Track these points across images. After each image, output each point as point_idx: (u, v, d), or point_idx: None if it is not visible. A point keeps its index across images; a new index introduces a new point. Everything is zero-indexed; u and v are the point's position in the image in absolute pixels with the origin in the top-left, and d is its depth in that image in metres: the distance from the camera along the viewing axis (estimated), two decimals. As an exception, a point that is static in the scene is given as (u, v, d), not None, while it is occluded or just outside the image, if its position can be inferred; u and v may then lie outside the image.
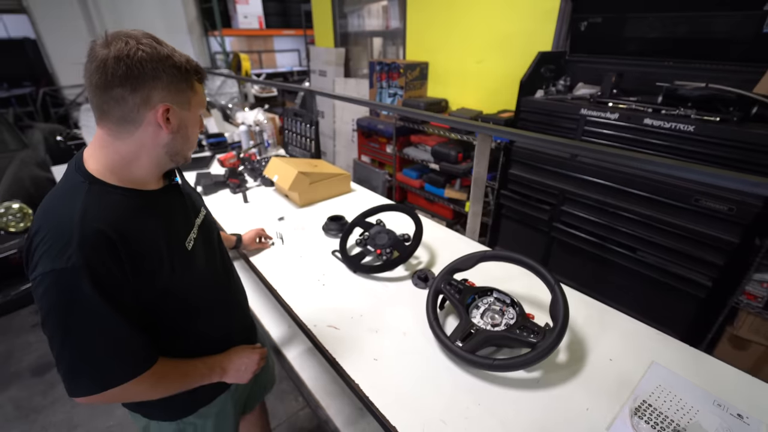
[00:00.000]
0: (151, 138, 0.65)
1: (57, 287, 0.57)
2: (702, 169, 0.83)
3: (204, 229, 0.82)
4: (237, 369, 0.86)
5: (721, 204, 1.53)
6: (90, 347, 0.60)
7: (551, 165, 2.07)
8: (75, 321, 0.59)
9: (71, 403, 1.85)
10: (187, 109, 0.67)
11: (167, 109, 0.63)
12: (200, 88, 0.70)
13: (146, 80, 0.60)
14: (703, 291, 1.67)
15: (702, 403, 0.76)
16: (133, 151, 0.65)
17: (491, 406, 0.77)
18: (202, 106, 0.71)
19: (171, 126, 0.65)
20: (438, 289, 0.99)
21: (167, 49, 0.63)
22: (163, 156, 0.69)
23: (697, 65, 1.81)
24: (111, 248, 0.60)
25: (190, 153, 0.73)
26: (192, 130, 0.70)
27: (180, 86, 0.64)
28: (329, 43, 4.17)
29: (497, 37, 2.57)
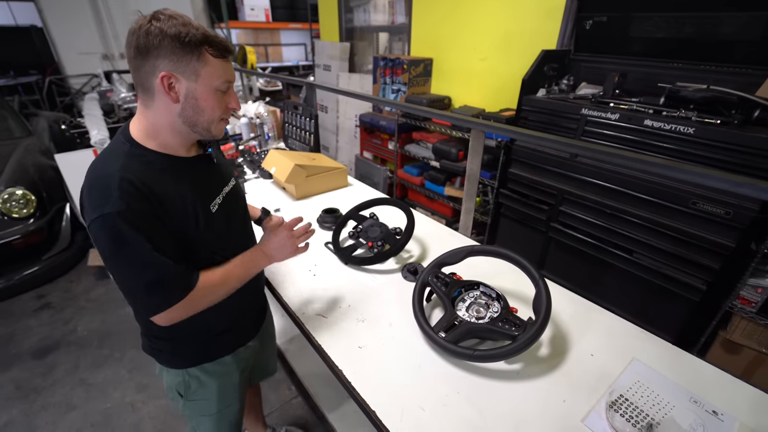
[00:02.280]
0: (165, 107, 0.72)
1: (105, 229, 0.66)
2: (704, 171, 0.83)
3: (230, 198, 0.90)
4: (279, 245, 0.93)
5: (719, 207, 1.52)
6: (144, 274, 0.69)
7: (551, 165, 2.06)
8: (126, 254, 0.68)
9: (70, 384, 1.89)
10: (194, 81, 0.70)
11: (168, 77, 0.68)
12: (216, 62, 0.71)
13: (151, 50, 0.66)
14: (697, 294, 1.66)
15: (678, 399, 0.77)
16: (158, 119, 0.73)
17: (470, 395, 0.79)
18: (220, 79, 0.72)
19: (175, 94, 0.70)
20: (425, 282, 1.00)
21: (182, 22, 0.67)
22: (182, 126, 0.74)
23: (702, 66, 1.79)
24: (143, 196, 0.68)
25: (212, 126, 0.77)
26: (204, 102, 0.73)
27: (184, 57, 0.67)
28: (335, 38, 4.17)
29: (502, 34, 2.56)
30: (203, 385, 0.98)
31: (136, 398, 1.82)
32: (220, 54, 0.71)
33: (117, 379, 1.92)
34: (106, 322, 2.29)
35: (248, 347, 1.05)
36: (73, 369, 1.98)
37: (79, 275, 2.75)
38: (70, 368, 1.99)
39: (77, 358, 2.05)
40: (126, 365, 2.00)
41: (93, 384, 1.90)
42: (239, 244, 0.93)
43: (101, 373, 1.96)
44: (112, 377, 1.93)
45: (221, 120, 0.78)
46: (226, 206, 0.88)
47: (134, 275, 0.70)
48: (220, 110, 0.76)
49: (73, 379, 1.92)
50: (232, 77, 0.76)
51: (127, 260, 0.69)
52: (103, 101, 3.20)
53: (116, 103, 3.05)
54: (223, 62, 0.73)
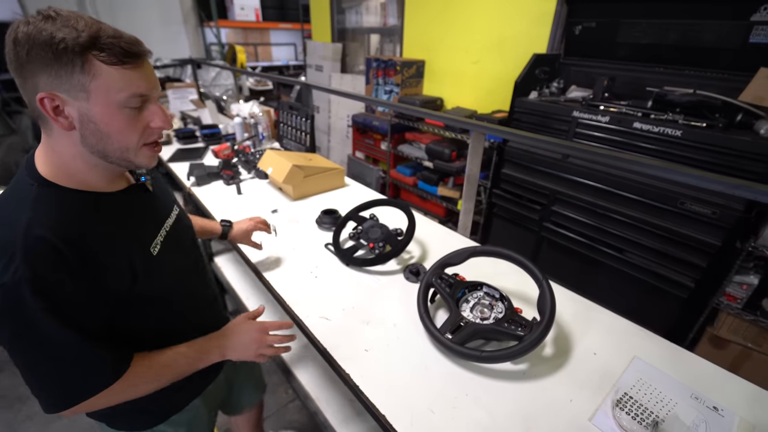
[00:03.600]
0: (63, 135, 0.57)
1: (4, 304, 0.52)
2: (691, 171, 0.86)
3: (174, 232, 0.77)
4: (240, 343, 0.81)
5: (706, 208, 1.58)
6: (50, 364, 0.57)
7: (543, 166, 2.10)
8: (29, 339, 0.54)
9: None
10: (84, 99, 0.54)
11: (49, 98, 0.53)
12: (112, 70, 0.54)
13: (23, 65, 0.52)
14: (685, 292, 1.72)
15: (680, 395, 0.79)
16: (62, 150, 0.59)
17: (478, 396, 0.79)
18: (123, 92, 0.56)
19: (65, 120, 0.55)
20: (429, 283, 1.00)
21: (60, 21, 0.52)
22: (92, 157, 0.60)
23: (687, 72, 1.86)
24: (59, 258, 0.54)
25: (130, 154, 0.61)
26: (107, 126, 0.57)
27: (61, 69, 0.52)
28: (326, 38, 4.15)
29: (494, 37, 2.60)
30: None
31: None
32: (117, 59, 0.54)
33: (106, 387, 1.86)
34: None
35: (218, 381, 0.96)
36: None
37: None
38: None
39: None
40: (115, 372, 1.93)
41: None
42: (191, 288, 0.81)
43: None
44: (101, 385, 1.87)
45: (144, 146, 0.62)
46: (170, 244, 0.74)
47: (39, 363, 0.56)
48: (135, 133, 0.60)
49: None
50: (146, 88, 0.58)
51: (32, 344, 0.54)
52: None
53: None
54: (125, 70, 0.55)
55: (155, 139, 0.64)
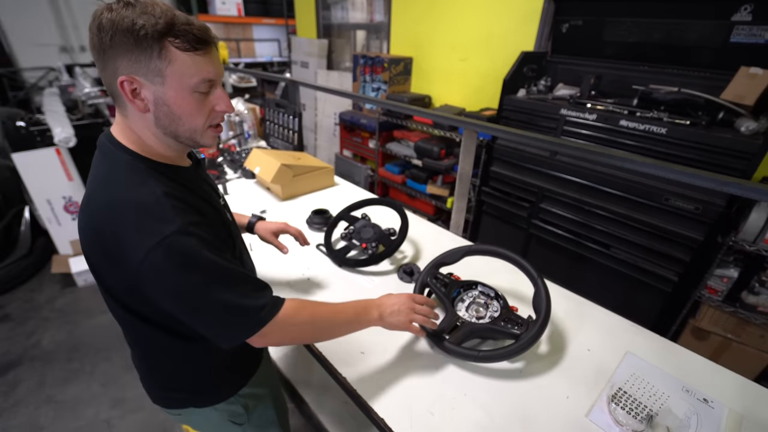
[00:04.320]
0: (138, 116, 0.61)
1: (173, 254, 0.56)
2: (684, 169, 0.87)
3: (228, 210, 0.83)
4: (394, 308, 0.79)
5: (689, 203, 1.62)
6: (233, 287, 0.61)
7: (531, 163, 2.12)
8: (208, 273, 0.59)
9: (35, 403, 1.75)
10: (160, 83, 0.58)
11: (129, 82, 0.56)
12: (186, 56, 0.57)
13: (106, 49, 0.55)
14: (669, 285, 1.76)
15: (672, 389, 0.81)
16: (139, 129, 0.63)
17: (477, 396, 0.79)
18: (195, 77, 0.59)
19: (141, 102, 0.59)
20: (424, 283, 1.00)
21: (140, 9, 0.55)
22: (165, 137, 0.64)
23: (671, 70, 1.89)
24: (192, 209, 0.61)
25: (197, 135, 0.65)
26: (179, 108, 0.60)
27: (142, 54, 0.55)
28: (312, 34, 4.09)
29: (481, 35, 2.60)
30: (259, 398, 0.89)
31: (111, 414, 1.71)
32: (190, 46, 0.57)
33: (89, 395, 1.79)
34: (74, 334, 2.14)
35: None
36: (38, 386, 1.84)
37: (41, 284, 2.55)
38: (34, 386, 1.84)
39: (42, 375, 1.90)
40: (98, 379, 1.87)
41: (62, 401, 1.76)
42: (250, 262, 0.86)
43: (70, 389, 1.83)
44: (83, 393, 1.80)
45: (209, 127, 0.66)
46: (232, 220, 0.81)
47: (223, 295, 0.60)
48: (202, 116, 0.63)
49: (38, 398, 1.78)
50: (214, 74, 0.62)
51: (209, 281, 0.59)
52: (65, 97, 2.97)
53: (80, 98, 2.84)
54: (197, 56, 0.59)
55: (219, 121, 0.68)
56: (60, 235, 2.61)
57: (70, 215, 2.60)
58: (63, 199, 2.55)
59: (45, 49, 4.91)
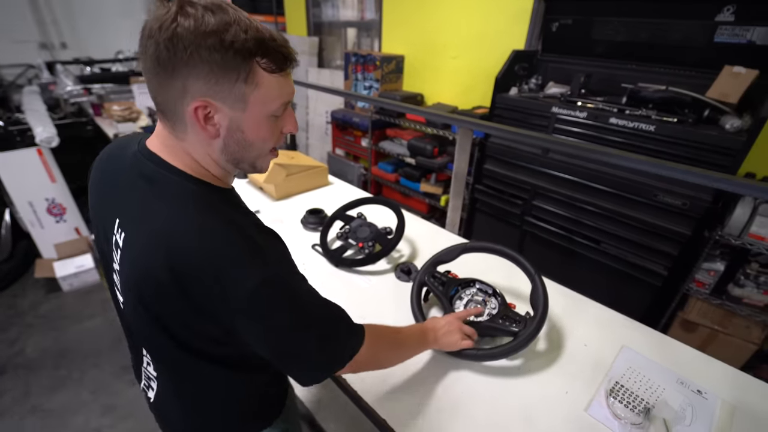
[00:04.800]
0: (201, 141, 0.53)
1: (277, 289, 0.51)
2: (678, 167, 0.89)
3: None
4: (446, 330, 0.81)
5: (677, 199, 1.66)
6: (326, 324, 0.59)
7: (524, 161, 2.14)
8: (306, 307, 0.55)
9: (20, 413, 1.70)
10: (240, 110, 0.50)
11: (204, 107, 0.48)
12: (273, 79, 0.50)
13: (178, 66, 0.45)
14: (659, 279, 1.80)
15: (667, 381, 0.83)
16: (196, 152, 0.54)
17: (478, 394, 0.79)
18: (277, 102, 0.52)
19: (213, 128, 0.51)
20: (422, 282, 1.00)
21: (224, 18, 0.45)
22: (226, 163, 0.56)
23: (658, 69, 1.93)
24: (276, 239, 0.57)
25: (258, 161, 0.58)
26: (254, 135, 0.53)
27: (226, 76, 0.47)
28: (302, 32, 4.05)
29: (472, 33, 2.61)
30: None
31: (102, 422, 1.67)
32: (277, 67, 0.49)
33: (78, 403, 1.75)
34: (60, 340, 2.08)
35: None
36: (23, 395, 1.78)
37: (24, 289, 2.47)
38: (19, 395, 1.78)
39: (27, 384, 1.84)
40: (87, 386, 1.82)
41: (49, 410, 1.72)
42: None
43: (58, 397, 1.78)
44: (72, 401, 1.76)
45: (271, 151, 0.59)
46: None
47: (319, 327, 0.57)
48: (273, 140, 0.57)
49: (23, 408, 1.72)
50: (292, 94, 0.55)
51: (308, 317, 0.55)
52: (46, 95, 2.88)
53: (62, 97, 2.76)
54: (282, 77, 0.51)
55: (281, 144, 0.62)
56: (43, 238, 2.54)
57: (53, 218, 2.53)
58: (46, 201, 2.48)
59: (23, 46, 4.75)
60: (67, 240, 2.60)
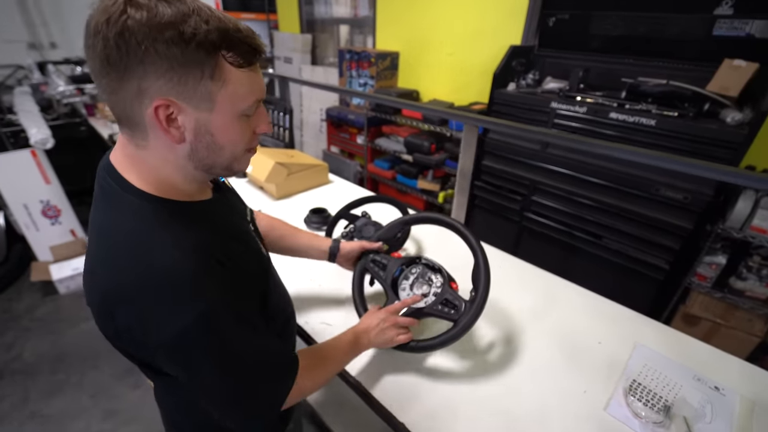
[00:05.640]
0: (164, 149, 0.47)
1: (204, 333, 0.46)
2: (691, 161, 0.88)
3: (256, 227, 0.72)
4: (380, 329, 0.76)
5: (678, 193, 1.66)
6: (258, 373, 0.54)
7: (523, 156, 2.13)
8: (236, 351, 0.50)
9: (18, 419, 1.65)
10: (207, 110, 0.45)
11: (165, 106, 0.43)
12: (242, 74, 0.46)
13: (131, 64, 0.40)
14: (661, 273, 1.80)
15: (684, 378, 0.82)
16: (159, 164, 0.49)
17: (495, 396, 0.78)
18: (248, 100, 0.48)
19: (177, 131, 0.45)
20: (364, 268, 0.92)
21: (181, 8, 0.41)
22: (194, 171, 0.51)
23: (656, 63, 1.93)
24: (224, 268, 0.50)
25: (234, 164, 0.53)
26: (224, 137, 0.48)
27: (189, 73, 0.42)
28: (295, 29, 4.00)
29: (468, 29, 2.59)
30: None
31: (103, 428, 1.62)
32: (246, 60, 0.45)
33: (78, 408, 1.70)
34: (57, 344, 2.02)
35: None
36: (22, 401, 1.73)
37: (20, 292, 2.40)
38: (17, 401, 1.73)
39: (25, 389, 1.78)
40: (87, 390, 1.77)
41: (48, 416, 1.67)
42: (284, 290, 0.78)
43: (57, 402, 1.73)
44: (71, 406, 1.71)
45: (246, 152, 0.54)
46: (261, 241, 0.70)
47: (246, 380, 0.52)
48: (244, 141, 0.52)
49: (22, 413, 1.67)
50: (263, 90, 0.50)
51: (235, 366, 0.51)
52: (38, 96, 2.79)
53: (54, 97, 2.68)
54: (251, 72, 0.47)
55: (256, 144, 0.56)
56: (38, 241, 2.47)
57: (48, 220, 2.47)
58: (40, 204, 2.41)
59: (11, 46, 4.62)
60: (63, 242, 2.53)
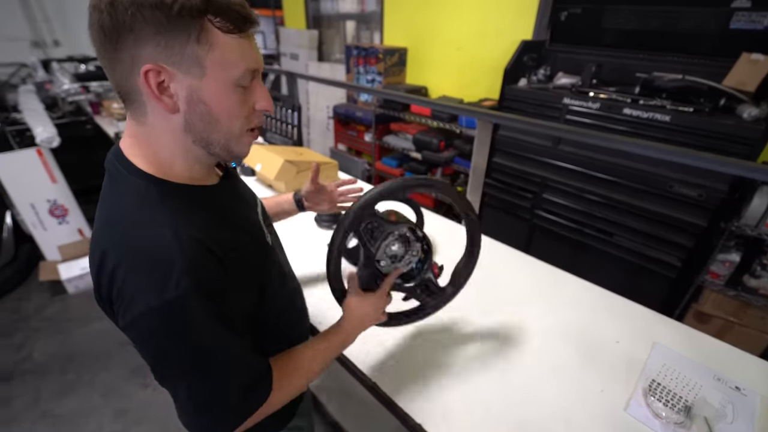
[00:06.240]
0: (162, 120, 0.48)
1: (169, 322, 0.45)
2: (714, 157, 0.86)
3: (266, 218, 0.71)
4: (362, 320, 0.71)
5: (692, 190, 1.63)
6: (222, 378, 0.50)
7: (533, 153, 2.11)
8: (198, 355, 0.47)
9: (31, 419, 1.68)
10: (197, 75, 0.45)
11: (155, 72, 0.43)
12: (231, 40, 0.46)
13: (123, 31, 0.42)
14: (673, 271, 1.79)
15: (704, 378, 0.81)
16: (159, 141, 0.50)
17: (513, 397, 0.77)
18: (240, 67, 0.47)
19: (170, 99, 0.46)
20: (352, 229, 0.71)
21: None
22: (193, 147, 0.51)
23: (670, 58, 1.90)
24: (215, 258, 0.48)
25: (231, 143, 0.52)
26: (219, 107, 0.48)
27: (174, 38, 0.43)
28: (301, 25, 3.98)
29: (477, 24, 2.56)
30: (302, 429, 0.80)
31: (114, 428, 1.64)
32: (235, 26, 0.46)
33: (89, 408, 1.72)
34: (67, 344, 2.05)
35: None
36: (33, 401, 1.75)
37: (29, 292, 2.43)
38: (29, 400, 1.75)
39: (37, 389, 1.81)
40: (98, 390, 1.80)
41: (60, 416, 1.69)
42: (292, 277, 0.75)
43: (68, 402, 1.75)
44: (83, 405, 1.73)
45: (247, 131, 0.53)
46: (269, 231, 0.67)
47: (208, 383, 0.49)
48: (242, 117, 0.51)
49: (34, 413, 1.70)
50: (259, 60, 0.50)
51: (198, 364, 0.48)
52: (42, 94, 2.81)
53: (59, 95, 2.69)
54: (243, 39, 0.47)
55: (258, 124, 0.55)
56: (46, 240, 2.49)
57: (55, 219, 2.48)
58: (47, 203, 2.43)
59: (14, 44, 4.64)
60: (71, 241, 2.55)
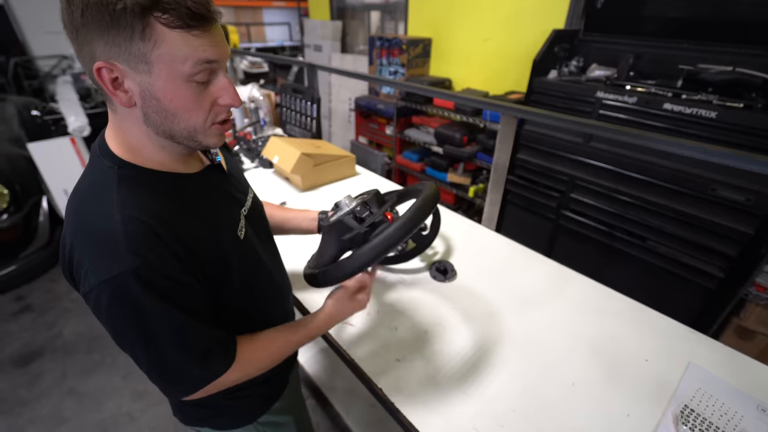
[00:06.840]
0: (125, 111, 0.50)
1: (116, 296, 0.49)
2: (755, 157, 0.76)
3: (253, 214, 0.72)
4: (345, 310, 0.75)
5: (739, 194, 1.49)
6: (168, 352, 0.53)
7: (562, 150, 2.00)
8: (148, 327, 0.51)
9: (58, 395, 1.76)
10: (146, 72, 0.46)
11: (107, 69, 0.45)
12: (177, 35, 0.45)
13: (80, 28, 0.44)
14: (713, 282, 1.65)
15: (745, 407, 0.73)
16: (128, 128, 0.53)
17: (527, 413, 0.72)
18: (188, 62, 0.47)
19: (124, 95, 0.48)
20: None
21: None
22: (158, 138, 0.53)
23: (718, 48, 1.73)
24: (159, 240, 0.50)
25: (198, 135, 0.53)
26: (171, 102, 0.49)
27: (119, 35, 0.44)
28: (325, 16, 3.95)
29: (505, 12, 2.44)
30: (280, 426, 0.83)
31: (133, 407, 1.70)
32: (182, 23, 0.45)
33: (111, 388, 1.79)
34: (94, 325, 2.14)
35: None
36: (61, 378, 1.85)
37: (61, 274, 2.55)
38: (57, 377, 1.85)
39: (64, 366, 1.90)
40: (119, 371, 1.87)
41: (84, 393, 1.77)
42: (275, 275, 0.75)
43: (92, 381, 1.83)
44: (105, 385, 1.81)
45: (213, 125, 0.54)
46: (253, 227, 0.69)
47: (161, 350, 0.53)
48: (202, 111, 0.52)
49: (61, 390, 1.79)
50: (214, 54, 0.49)
51: (148, 335, 0.51)
52: (78, 85, 2.93)
53: (92, 87, 2.80)
54: (191, 35, 0.46)
55: (225, 117, 0.56)
56: (78, 225, 2.61)
57: (87, 205, 2.59)
58: (79, 189, 2.53)
59: (57, 37, 4.88)
60: (100, 227, 2.66)
